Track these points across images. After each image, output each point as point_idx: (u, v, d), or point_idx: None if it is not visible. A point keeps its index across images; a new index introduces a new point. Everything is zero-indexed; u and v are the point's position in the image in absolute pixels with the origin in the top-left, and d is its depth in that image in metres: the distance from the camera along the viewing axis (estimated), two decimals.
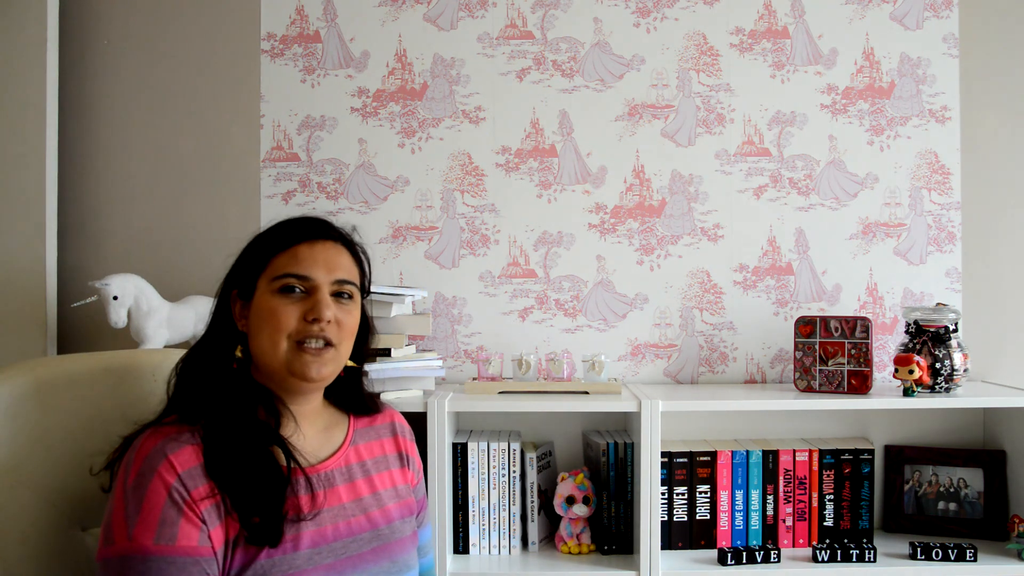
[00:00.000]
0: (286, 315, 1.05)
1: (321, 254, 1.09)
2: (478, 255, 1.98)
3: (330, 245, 1.11)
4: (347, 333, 1.10)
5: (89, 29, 1.98)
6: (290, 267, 1.07)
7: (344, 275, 1.10)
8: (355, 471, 1.14)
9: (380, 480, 1.17)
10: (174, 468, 0.95)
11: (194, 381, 1.07)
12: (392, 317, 1.74)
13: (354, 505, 1.11)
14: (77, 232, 1.97)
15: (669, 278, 1.98)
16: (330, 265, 1.09)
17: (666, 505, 1.78)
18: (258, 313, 1.07)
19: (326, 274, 1.08)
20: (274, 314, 1.05)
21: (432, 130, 1.99)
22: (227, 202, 1.98)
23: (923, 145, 1.99)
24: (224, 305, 1.12)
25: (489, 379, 1.82)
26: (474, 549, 1.75)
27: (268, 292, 1.07)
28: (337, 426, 1.18)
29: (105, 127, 1.99)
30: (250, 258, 1.10)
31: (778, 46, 1.99)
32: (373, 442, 1.20)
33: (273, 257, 1.08)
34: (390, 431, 1.24)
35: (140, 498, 0.94)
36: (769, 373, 1.99)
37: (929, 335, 1.77)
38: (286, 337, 1.05)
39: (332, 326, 1.07)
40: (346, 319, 1.10)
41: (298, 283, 1.07)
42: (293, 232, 1.10)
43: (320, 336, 1.06)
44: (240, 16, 1.99)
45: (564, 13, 1.99)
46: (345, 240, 1.16)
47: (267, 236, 1.11)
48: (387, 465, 1.20)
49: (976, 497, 1.84)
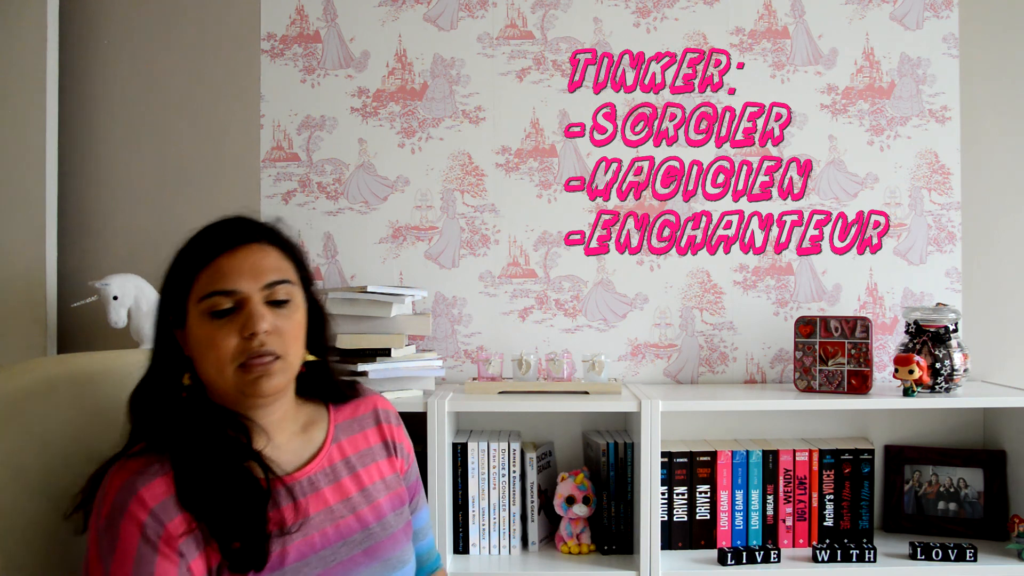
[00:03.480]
0: (223, 339, 0.99)
1: (245, 261, 1.02)
2: (478, 255, 1.98)
3: (253, 248, 1.04)
4: (291, 338, 1.04)
5: (89, 29, 1.98)
6: (214, 284, 1.00)
7: (273, 276, 1.03)
8: (340, 470, 1.10)
9: (367, 475, 1.13)
10: (145, 504, 0.92)
11: (150, 413, 1.02)
12: (392, 317, 1.74)
13: (342, 506, 1.07)
14: (77, 232, 1.97)
15: (669, 278, 1.98)
16: (256, 271, 1.02)
17: (666, 505, 1.78)
18: (195, 341, 1.01)
19: (253, 282, 1.01)
20: (211, 341, 0.99)
21: (432, 130, 1.99)
22: (227, 202, 1.98)
23: (923, 145, 1.99)
24: (162, 333, 1.05)
25: (489, 379, 1.82)
26: (474, 549, 1.75)
27: (199, 316, 1.00)
28: (316, 424, 1.13)
29: (105, 127, 1.99)
30: (174, 282, 1.03)
31: (778, 46, 1.99)
32: (356, 435, 1.16)
33: (195, 276, 1.01)
34: (373, 420, 1.19)
35: (113, 538, 0.91)
36: (769, 373, 1.99)
37: (929, 335, 1.77)
38: (229, 362, 0.99)
39: (272, 336, 1.01)
40: (286, 324, 1.03)
41: (226, 300, 1.00)
42: (210, 244, 1.03)
43: (262, 352, 0.99)
44: (240, 16, 1.99)
45: (564, 13, 1.99)
46: (269, 236, 1.07)
47: (185, 254, 1.04)
48: (373, 457, 1.15)
49: (976, 497, 1.84)
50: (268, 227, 1.08)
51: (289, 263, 1.07)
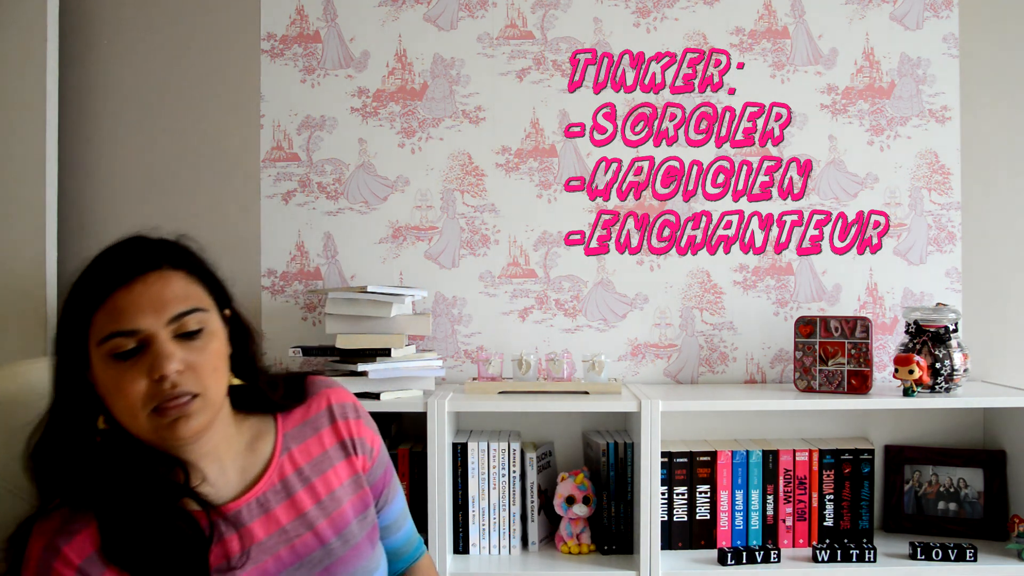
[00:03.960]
0: (131, 384, 0.89)
1: (143, 295, 0.91)
2: (478, 255, 1.98)
3: (151, 278, 0.93)
4: (208, 371, 0.94)
5: (89, 29, 1.98)
6: (112, 325, 0.90)
7: (179, 308, 0.93)
8: (292, 484, 1.02)
9: (324, 484, 1.04)
10: (71, 561, 0.86)
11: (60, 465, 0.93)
12: (392, 317, 1.74)
13: (297, 524, 1.00)
14: (77, 232, 1.97)
15: (669, 278, 1.98)
16: (158, 304, 0.91)
17: (666, 505, 1.78)
18: (102, 385, 0.92)
19: (156, 318, 0.91)
20: (118, 387, 0.90)
21: (432, 130, 1.99)
22: (227, 202, 1.98)
23: (923, 145, 1.99)
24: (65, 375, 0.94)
25: (489, 379, 1.82)
26: (474, 549, 1.75)
27: (102, 360, 0.91)
28: (263, 437, 1.04)
29: (105, 127, 1.99)
30: (69, 323, 0.93)
31: (778, 46, 1.99)
32: (309, 440, 1.06)
33: (92, 316, 0.91)
34: (328, 419, 1.09)
35: None
36: (769, 373, 1.99)
37: (929, 335, 1.77)
38: (140, 407, 0.90)
39: (186, 374, 0.91)
40: (200, 357, 0.93)
41: (128, 341, 0.90)
42: (104, 278, 0.92)
43: (176, 393, 0.90)
44: (240, 16, 1.99)
45: (564, 13, 1.99)
46: (171, 259, 0.97)
47: (78, 291, 0.93)
48: (329, 463, 1.06)
49: (976, 497, 1.84)
50: (168, 249, 0.99)
51: (198, 286, 0.98)
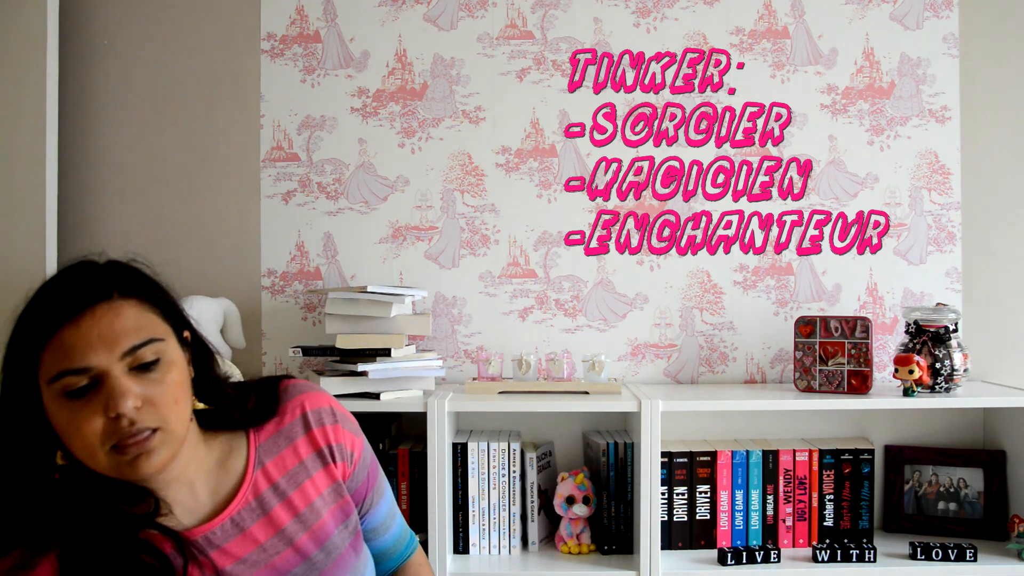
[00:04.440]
0: (86, 423, 0.84)
1: (92, 330, 0.85)
2: (478, 255, 1.98)
3: (100, 311, 0.87)
4: (168, 404, 0.89)
5: (89, 29, 1.98)
6: (61, 363, 0.84)
7: (132, 341, 0.87)
8: (268, 500, 0.98)
9: (301, 496, 1.01)
10: None
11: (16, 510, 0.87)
12: (392, 317, 1.74)
13: (276, 541, 0.97)
14: (77, 232, 1.97)
15: (669, 278, 1.98)
16: (109, 339, 0.86)
17: (666, 505, 1.78)
18: (57, 424, 0.87)
19: (108, 354, 0.85)
20: (73, 426, 0.85)
21: (432, 130, 1.99)
22: (227, 202, 1.98)
23: (923, 145, 1.99)
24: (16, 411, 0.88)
25: (489, 379, 1.82)
26: (474, 549, 1.75)
27: (54, 399, 0.85)
28: (234, 453, 1.00)
29: (105, 127, 1.99)
30: (16, 362, 0.88)
31: (778, 46, 1.99)
32: (284, 451, 1.02)
33: (39, 355, 0.86)
34: (302, 427, 1.04)
35: None
36: (769, 373, 1.99)
37: (929, 335, 1.77)
38: (99, 446, 0.85)
39: (144, 410, 0.86)
40: (158, 391, 0.88)
41: (80, 379, 0.85)
42: (49, 314, 0.87)
43: (133, 431, 0.85)
44: (240, 16, 1.99)
45: (564, 13, 1.99)
46: (120, 287, 0.90)
47: (24, 327, 0.88)
48: (306, 474, 1.02)
49: (976, 497, 1.84)
50: (117, 275, 0.92)
51: (152, 312, 0.91)
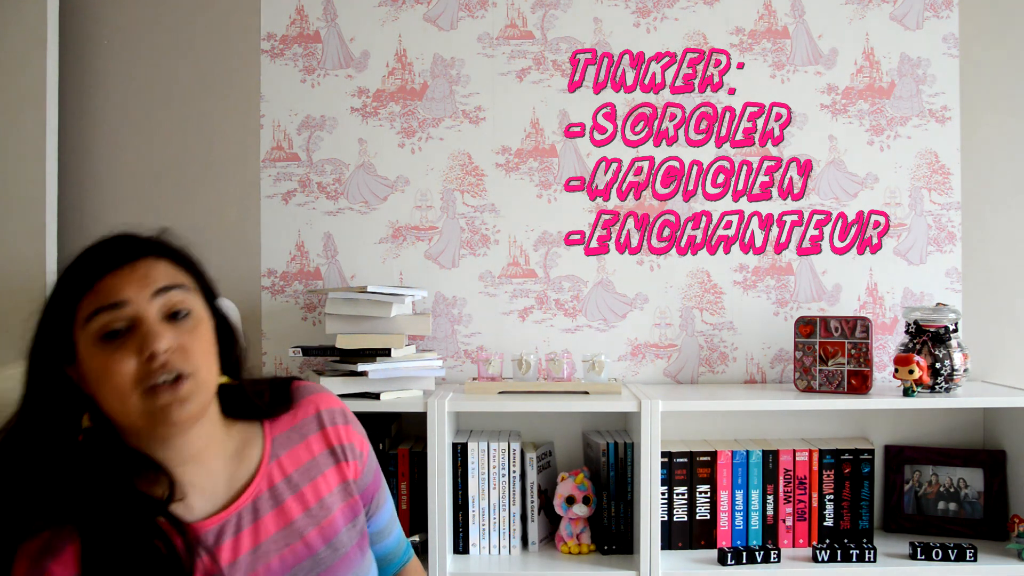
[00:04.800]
0: (119, 364, 0.87)
1: (131, 276, 0.90)
2: (478, 255, 1.98)
3: (140, 264, 0.92)
4: (200, 354, 0.92)
5: (89, 29, 1.98)
6: (97, 303, 0.88)
7: (164, 282, 0.91)
8: (281, 491, 1.00)
9: (313, 491, 1.03)
10: None
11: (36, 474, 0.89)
12: (392, 317, 1.74)
13: (285, 534, 0.99)
14: (77, 232, 1.97)
15: (669, 278, 1.98)
16: (144, 281, 0.90)
17: (666, 505, 1.78)
18: (90, 372, 0.89)
19: (141, 291, 0.89)
20: (106, 369, 0.87)
21: (432, 130, 1.99)
22: (227, 202, 1.98)
23: (923, 145, 1.99)
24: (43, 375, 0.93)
25: (489, 379, 1.82)
26: (474, 549, 1.75)
27: (90, 345, 0.89)
28: (250, 444, 1.02)
29: (105, 127, 1.99)
30: (54, 313, 0.92)
31: (778, 46, 1.99)
32: (298, 446, 1.04)
33: (78, 303, 0.89)
34: (316, 425, 1.07)
35: None
36: (769, 373, 1.99)
37: (929, 335, 1.77)
38: (131, 389, 0.87)
39: (176, 354, 0.89)
40: (190, 339, 0.91)
41: (115, 318, 0.88)
42: (90, 266, 0.91)
43: (167, 372, 0.88)
44: (240, 16, 1.99)
45: (564, 13, 1.99)
46: (158, 250, 0.96)
47: (63, 281, 0.92)
48: (318, 470, 1.04)
49: (976, 497, 1.84)
50: (155, 240, 0.97)
51: (184, 274, 0.97)
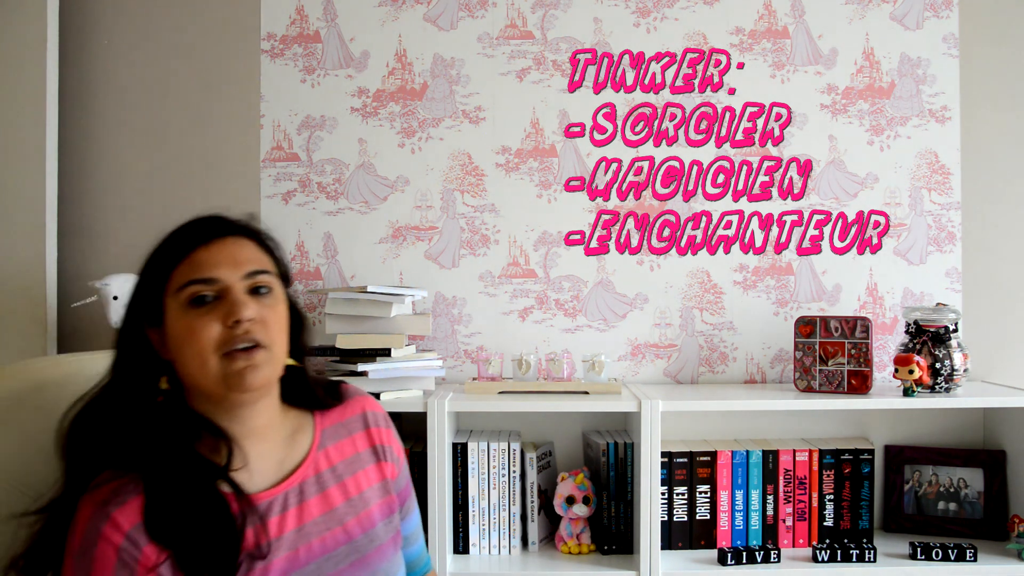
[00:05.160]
0: (205, 328, 0.95)
1: (222, 252, 0.99)
2: (478, 255, 1.98)
3: (230, 241, 1.01)
4: (276, 329, 1.01)
5: (89, 29, 1.98)
6: (192, 274, 0.97)
7: (254, 266, 1.00)
8: (326, 479, 1.07)
9: (354, 483, 1.09)
10: (120, 526, 0.89)
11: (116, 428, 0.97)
12: (392, 317, 1.74)
13: (326, 518, 1.04)
14: (77, 232, 1.97)
15: (669, 278, 1.98)
16: (235, 261, 0.99)
17: (666, 505, 1.78)
18: (175, 335, 0.97)
19: (233, 270, 0.98)
20: (192, 331, 0.95)
21: (432, 130, 1.99)
22: (227, 202, 1.95)
23: (923, 145, 1.99)
24: (133, 336, 1.00)
25: (489, 379, 1.82)
26: (474, 549, 1.75)
27: (178, 309, 0.97)
28: (302, 431, 1.09)
29: (105, 127, 1.99)
30: (148, 278, 1.00)
31: (778, 46, 1.99)
32: (344, 441, 1.12)
33: (172, 270, 0.98)
34: (361, 424, 1.15)
35: (88, 566, 0.88)
36: (769, 373, 1.99)
37: (929, 335, 1.77)
38: (212, 351, 0.96)
39: (257, 325, 0.97)
40: (270, 314, 1.00)
41: (206, 288, 0.97)
42: (187, 237, 1.00)
43: (246, 339, 0.96)
44: (240, 16, 1.99)
45: (564, 13, 1.99)
46: (247, 231, 1.05)
47: (160, 249, 1.01)
48: (360, 464, 1.11)
49: (976, 497, 1.84)
50: (244, 223, 1.06)
51: (268, 257, 1.05)
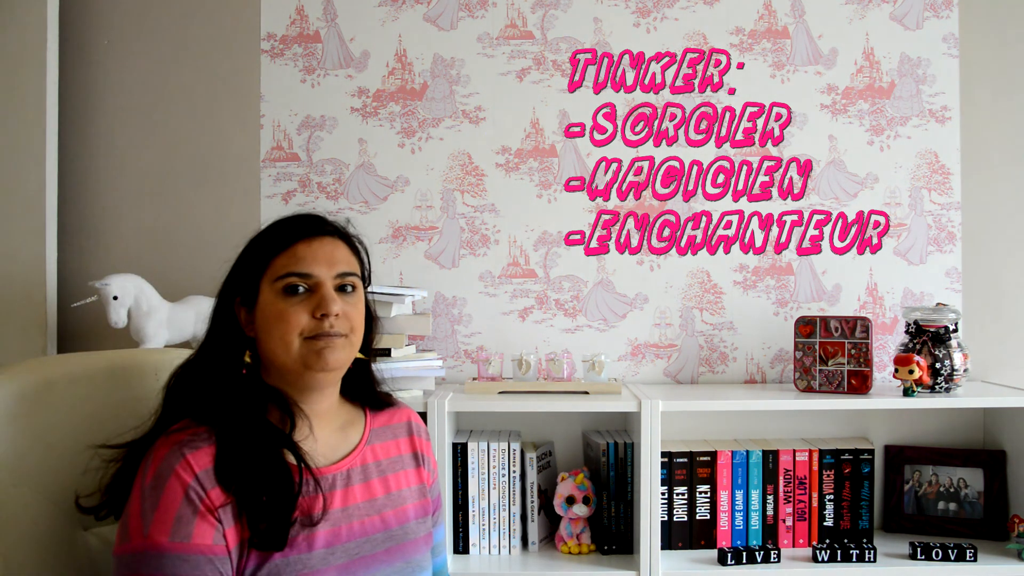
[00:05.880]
0: (295, 315, 1.06)
1: (320, 250, 1.10)
2: (478, 255, 1.98)
3: (327, 240, 1.12)
4: (356, 323, 1.12)
5: (89, 29, 1.98)
6: (291, 266, 1.08)
7: (345, 268, 1.11)
8: (371, 471, 1.15)
9: (395, 480, 1.17)
10: (191, 467, 0.97)
11: (203, 387, 1.07)
12: (392, 317, 1.74)
13: (367, 505, 1.11)
14: (77, 232, 1.97)
15: (669, 278, 1.98)
16: (331, 260, 1.10)
17: (666, 505, 1.77)
18: (266, 316, 1.08)
19: (328, 269, 1.09)
20: (283, 316, 1.06)
21: (432, 130, 1.99)
22: (227, 202, 1.98)
23: (923, 145, 1.99)
24: (226, 311, 1.11)
25: (489, 379, 1.82)
26: (474, 549, 1.74)
27: (273, 294, 1.07)
28: (354, 425, 1.18)
29: (105, 127, 1.99)
30: (249, 261, 1.11)
31: (778, 46, 1.99)
32: (389, 442, 1.20)
33: (273, 258, 1.09)
34: (406, 431, 1.24)
35: (157, 496, 0.95)
36: (769, 373, 1.99)
37: (929, 335, 1.77)
38: (297, 335, 1.06)
39: (341, 319, 1.08)
40: (352, 311, 1.11)
41: (301, 281, 1.07)
42: (290, 231, 1.11)
43: (331, 332, 1.07)
44: (240, 16, 1.99)
45: (564, 13, 1.99)
46: (341, 234, 1.16)
47: (264, 237, 1.12)
48: (402, 465, 1.20)
49: (976, 497, 1.84)
50: (341, 227, 1.17)
51: (356, 261, 1.16)
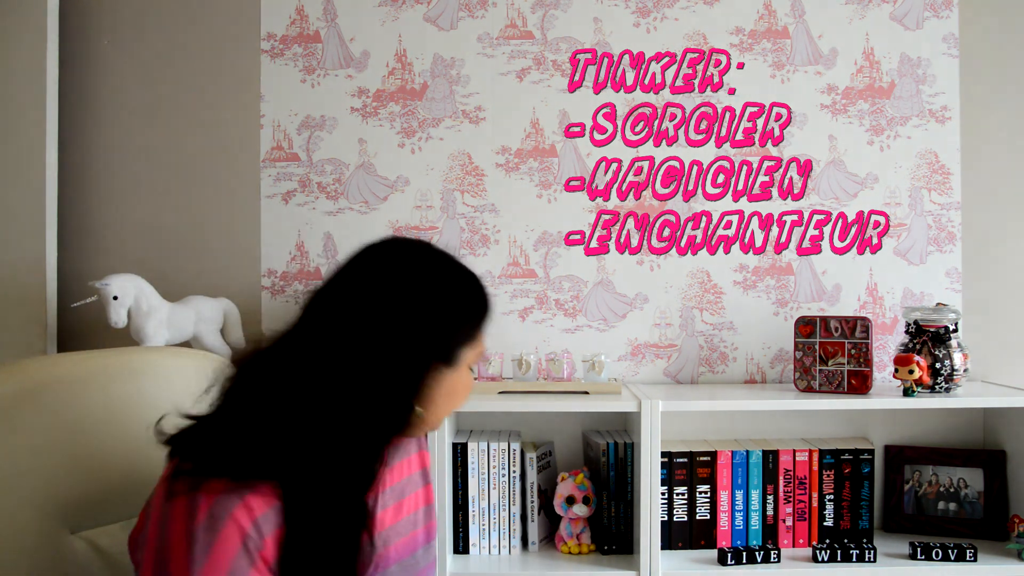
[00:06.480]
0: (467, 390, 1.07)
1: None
2: (478, 255, 1.98)
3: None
4: None
5: (89, 29, 1.98)
6: (482, 344, 1.07)
7: None
8: (387, 497, 1.08)
9: (408, 504, 1.11)
10: (251, 511, 0.87)
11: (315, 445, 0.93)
12: None
13: (397, 527, 1.06)
14: (77, 232, 1.97)
15: (669, 278, 1.98)
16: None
17: (666, 505, 1.78)
18: (454, 385, 1.02)
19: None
20: (467, 389, 1.06)
21: (432, 130, 1.99)
22: (227, 202, 1.98)
23: (923, 145, 1.99)
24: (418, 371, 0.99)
25: (489, 379, 1.82)
26: (474, 549, 1.75)
27: (467, 364, 1.04)
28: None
29: (105, 127, 1.99)
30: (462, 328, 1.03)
31: (778, 46, 1.99)
32: (402, 461, 1.14)
33: (480, 330, 1.05)
34: (416, 445, 1.18)
35: (211, 541, 0.85)
36: (769, 373, 1.99)
37: (929, 335, 1.77)
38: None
39: None
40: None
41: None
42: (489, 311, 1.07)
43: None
44: (240, 16, 1.99)
45: (564, 13, 1.99)
46: None
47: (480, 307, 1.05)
48: (413, 486, 1.14)
49: (976, 497, 1.84)
50: None
51: None
